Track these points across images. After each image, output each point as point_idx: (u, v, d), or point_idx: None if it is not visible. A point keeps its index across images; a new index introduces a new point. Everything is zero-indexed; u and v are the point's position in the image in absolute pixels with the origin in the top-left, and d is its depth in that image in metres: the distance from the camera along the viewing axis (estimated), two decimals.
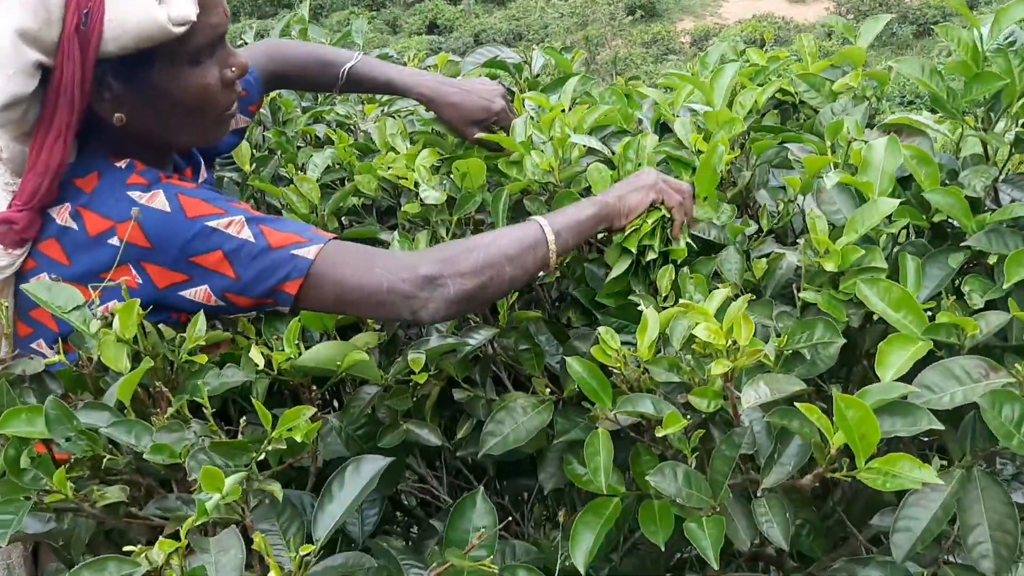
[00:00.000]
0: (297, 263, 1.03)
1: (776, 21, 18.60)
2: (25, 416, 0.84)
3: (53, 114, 1.01)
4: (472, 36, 19.81)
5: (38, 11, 0.96)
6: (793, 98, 1.54)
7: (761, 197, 1.32)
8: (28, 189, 1.02)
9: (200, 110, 1.11)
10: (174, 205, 1.03)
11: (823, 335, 1.00)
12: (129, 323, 0.90)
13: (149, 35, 1.00)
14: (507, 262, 1.06)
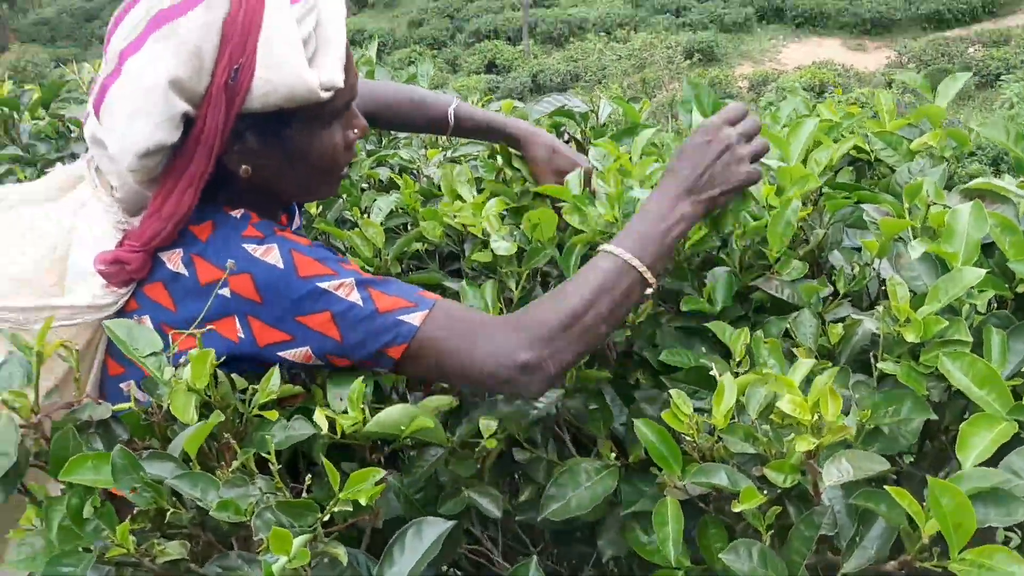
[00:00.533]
0: (402, 329, 1.01)
1: (836, 68, 18.50)
2: (91, 464, 0.83)
3: (188, 163, 1.01)
4: (530, 76, 20.03)
5: (191, 61, 0.96)
6: (868, 155, 1.50)
7: (835, 258, 1.29)
8: (148, 232, 1.03)
9: (323, 168, 1.12)
10: (287, 262, 1.02)
11: (910, 412, 0.95)
12: (201, 373, 0.89)
13: (297, 97, 1.00)
14: (603, 322, 1.04)
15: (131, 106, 0.98)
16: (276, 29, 0.99)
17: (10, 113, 1.71)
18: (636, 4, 23.74)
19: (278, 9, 1.00)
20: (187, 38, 0.96)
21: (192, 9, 0.97)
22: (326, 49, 1.04)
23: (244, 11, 0.98)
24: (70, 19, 31.79)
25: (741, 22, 21.62)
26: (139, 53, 0.97)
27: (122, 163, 1.01)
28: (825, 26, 21.51)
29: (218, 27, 0.97)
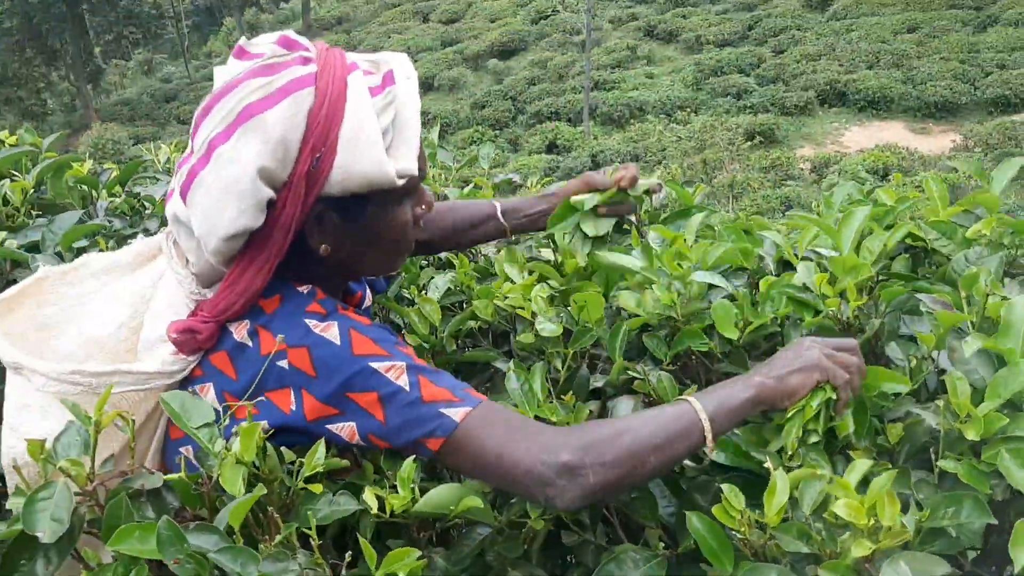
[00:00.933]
0: (443, 422, 1.02)
1: (900, 151, 18.32)
2: (138, 534, 0.84)
3: (266, 243, 1.06)
4: (590, 156, 20.23)
5: (277, 151, 1.01)
6: (925, 243, 1.49)
7: (891, 350, 1.26)
8: (222, 305, 1.07)
9: (395, 244, 1.17)
10: (344, 339, 1.04)
11: (970, 514, 0.92)
12: (250, 445, 0.91)
13: (374, 183, 1.06)
14: (652, 452, 1.00)
15: (219, 193, 1.03)
16: (357, 120, 1.04)
17: (89, 191, 1.79)
18: (697, 87, 23.93)
19: (359, 101, 1.05)
20: (274, 130, 1.01)
21: (280, 103, 1.02)
22: (402, 138, 1.09)
23: (328, 103, 1.03)
24: (149, 99, 33.20)
25: (802, 105, 21.61)
26: (228, 143, 1.02)
27: (208, 245, 1.06)
28: (888, 109, 21.38)
29: (303, 119, 1.02)
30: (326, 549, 0.88)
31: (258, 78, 1.03)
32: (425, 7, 34.59)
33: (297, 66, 1.05)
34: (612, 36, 28.64)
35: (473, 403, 1.03)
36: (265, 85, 1.03)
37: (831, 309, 1.27)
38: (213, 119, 1.04)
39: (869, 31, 24.86)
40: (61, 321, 1.15)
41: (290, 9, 41.88)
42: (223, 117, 1.03)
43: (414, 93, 1.12)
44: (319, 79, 1.04)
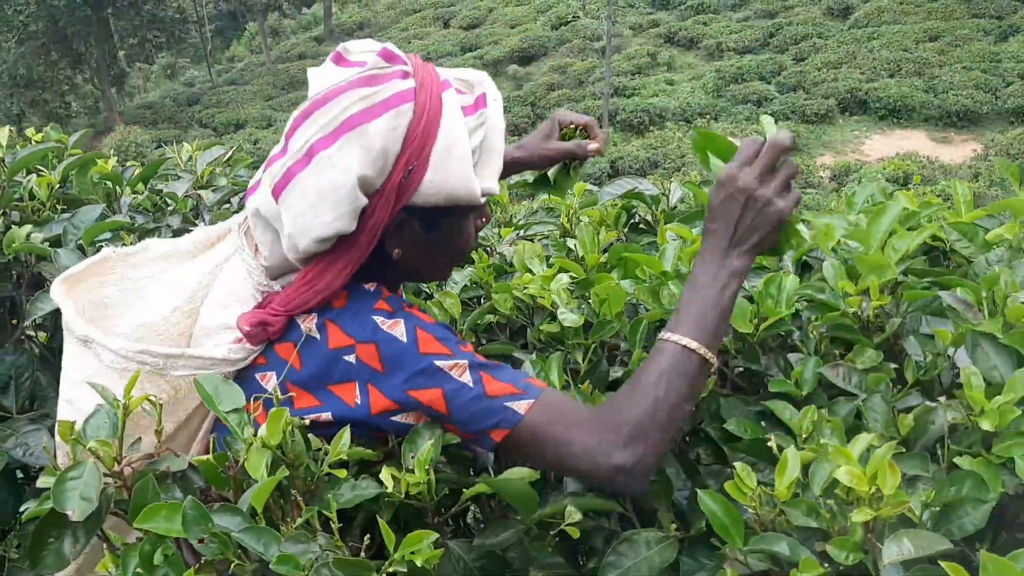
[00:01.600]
0: (508, 415, 1.06)
1: (920, 160, 18.25)
2: (164, 513, 0.86)
3: (352, 247, 1.09)
4: (609, 163, 20.24)
5: (377, 162, 1.05)
6: (944, 244, 1.49)
7: (909, 346, 1.27)
8: (297, 301, 1.10)
9: (459, 253, 1.21)
10: (411, 337, 1.07)
11: (972, 490, 0.93)
12: (276, 430, 0.93)
13: (460, 199, 1.10)
14: (684, 401, 1.07)
15: (317, 196, 1.05)
16: (451, 138, 1.08)
17: (113, 187, 1.82)
18: (717, 94, 23.92)
19: (454, 118, 1.09)
20: (376, 141, 1.04)
21: (383, 115, 1.05)
22: (489, 159, 1.13)
23: (426, 119, 1.07)
24: (172, 103, 33.47)
25: (823, 113, 21.56)
26: (331, 148, 1.05)
27: (298, 243, 1.09)
28: (910, 119, 21.30)
29: (403, 132, 1.06)
30: (350, 534, 0.89)
31: (362, 88, 1.06)
32: (446, 12, 34.75)
33: (398, 80, 1.08)
34: (632, 42, 28.66)
35: (536, 393, 1.08)
36: (368, 96, 1.06)
37: (852, 308, 1.27)
38: (315, 123, 1.07)
39: (891, 39, 24.77)
40: (120, 302, 1.18)
41: (312, 14, 42.15)
42: (326, 123, 1.06)
43: (500, 115, 1.16)
44: (418, 94, 1.08)
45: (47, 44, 31.89)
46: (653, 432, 1.04)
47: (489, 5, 34.02)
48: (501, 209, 2.11)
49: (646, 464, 1.04)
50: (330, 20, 37.36)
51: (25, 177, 1.73)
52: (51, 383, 1.50)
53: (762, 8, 29.01)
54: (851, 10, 27.35)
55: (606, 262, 1.52)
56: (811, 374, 1.19)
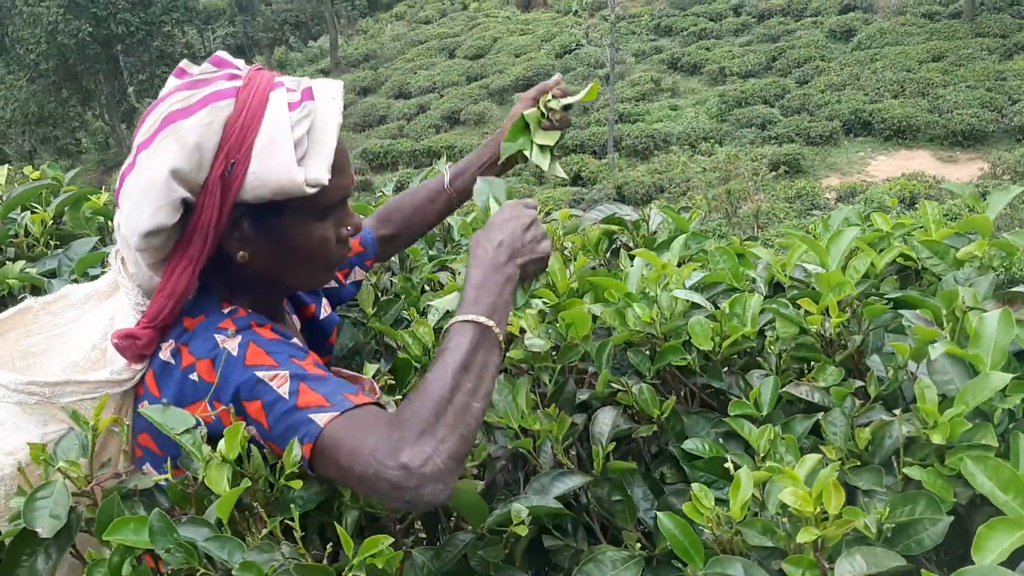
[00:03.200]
0: (310, 428, 1.02)
1: (926, 180, 18.23)
2: (132, 526, 0.91)
3: (188, 245, 1.12)
4: (615, 188, 20.30)
5: (192, 155, 1.08)
6: (916, 263, 1.52)
7: (873, 363, 1.30)
8: (154, 310, 1.13)
9: (315, 259, 1.21)
10: (241, 352, 1.09)
11: (925, 510, 0.96)
12: (233, 446, 0.97)
13: (285, 190, 1.11)
14: (474, 399, 1.02)
15: (138, 194, 1.09)
16: (272, 132, 1.10)
17: (105, 222, 1.87)
18: (721, 119, 23.99)
19: (276, 114, 1.11)
20: (190, 135, 1.08)
21: (198, 111, 1.09)
22: (316, 151, 1.13)
23: (245, 115, 1.10)
24: None
25: (827, 135, 21.59)
26: (150, 147, 1.10)
27: (132, 243, 1.12)
28: (915, 138, 21.30)
29: (219, 126, 1.09)
30: (309, 541, 0.92)
31: (185, 91, 1.12)
32: (451, 43, 35.03)
33: (222, 80, 1.13)
34: (636, 69, 28.83)
35: (343, 407, 1.03)
36: (189, 97, 1.11)
37: (813, 326, 1.31)
38: (143, 129, 1.12)
39: (894, 60, 24.84)
40: (47, 349, 1.22)
41: (319, 47, 42.58)
42: (149, 127, 1.11)
43: (333, 111, 1.17)
44: (241, 92, 1.12)
45: (58, 82, 32.31)
46: (441, 428, 0.97)
47: (493, 35, 34.31)
48: None
49: (436, 465, 0.95)
50: (336, 52, 37.73)
51: (20, 214, 1.79)
52: None
53: (764, 32, 29.16)
54: (853, 32, 27.45)
55: (578, 287, 1.55)
56: (770, 394, 1.22)
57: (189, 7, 35.24)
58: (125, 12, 31.17)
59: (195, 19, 37.31)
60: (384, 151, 25.94)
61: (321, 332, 1.44)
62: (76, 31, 30.04)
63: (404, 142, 26.52)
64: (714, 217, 17.08)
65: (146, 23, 32.22)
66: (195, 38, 39.38)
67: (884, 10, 28.54)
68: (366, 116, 29.58)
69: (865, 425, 1.17)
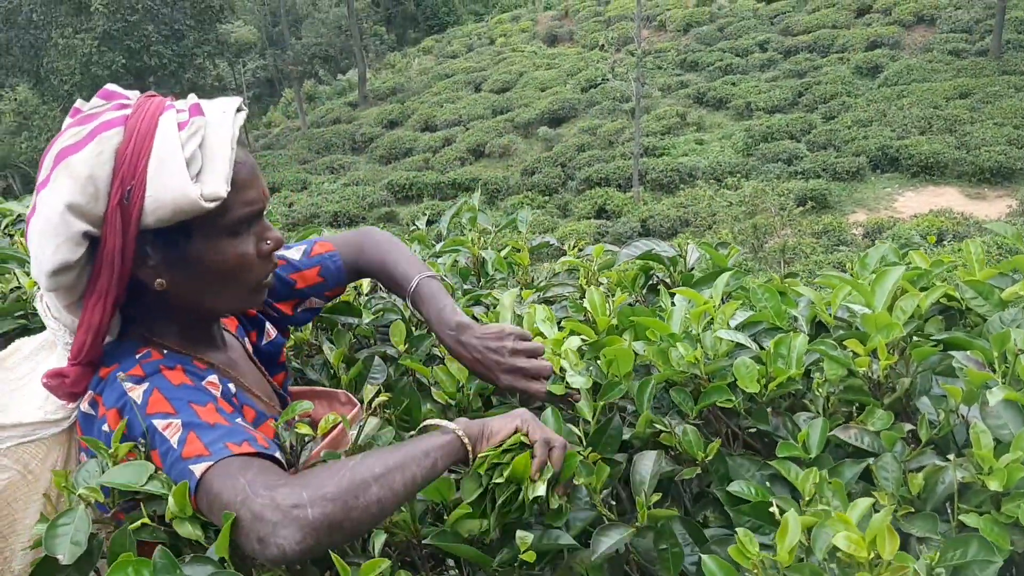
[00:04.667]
0: (191, 478, 1.02)
1: (955, 217, 18.09)
2: (132, 569, 0.90)
3: (97, 278, 1.12)
4: (639, 222, 20.29)
5: (86, 188, 1.08)
6: (959, 304, 1.49)
7: (923, 405, 1.27)
8: (76, 346, 1.13)
9: (236, 278, 1.20)
10: (144, 399, 1.09)
11: (977, 553, 0.93)
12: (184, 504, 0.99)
13: (184, 209, 1.10)
14: (374, 481, 0.98)
15: (39, 234, 1.09)
16: (162, 153, 1.09)
17: None
18: (747, 153, 23.95)
19: (165, 135, 1.10)
20: (81, 168, 1.08)
21: (87, 144, 1.09)
22: (210, 166, 1.12)
23: (135, 141, 1.09)
24: None
25: (854, 171, 21.48)
26: (46, 188, 1.10)
27: (41, 283, 1.12)
28: (942, 175, 21.14)
29: (109, 156, 1.09)
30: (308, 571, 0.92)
31: (75, 127, 1.12)
32: (477, 77, 35.34)
33: (110, 112, 1.13)
34: (662, 103, 28.92)
35: (219, 455, 1.02)
36: (79, 132, 1.11)
37: (861, 368, 1.28)
38: (41, 172, 1.12)
39: (920, 97, 24.76)
40: (5, 405, 1.21)
41: (347, 80, 43.09)
42: (46, 166, 1.11)
43: (226, 124, 1.16)
44: (129, 119, 1.11)
45: None
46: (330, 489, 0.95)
47: (520, 69, 34.58)
48: (522, 271, 2.14)
49: (305, 513, 0.92)
50: (364, 86, 38.18)
51: None
52: None
53: (790, 68, 29.18)
54: (880, 69, 27.41)
55: (617, 324, 1.54)
56: (818, 436, 1.20)
57: (221, 40, 35.88)
58: (158, 45, 31.75)
59: (226, 52, 37.91)
60: (409, 183, 26.10)
61: (268, 356, 1.43)
62: (110, 63, 30.61)
63: (429, 174, 26.67)
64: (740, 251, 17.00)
65: (178, 56, 32.80)
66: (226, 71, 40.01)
67: (911, 47, 28.51)
68: (392, 148, 29.79)
69: (916, 470, 1.14)
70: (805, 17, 31.92)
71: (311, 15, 44.01)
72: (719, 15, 34.39)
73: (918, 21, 29.44)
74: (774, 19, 33.11)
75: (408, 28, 50.23)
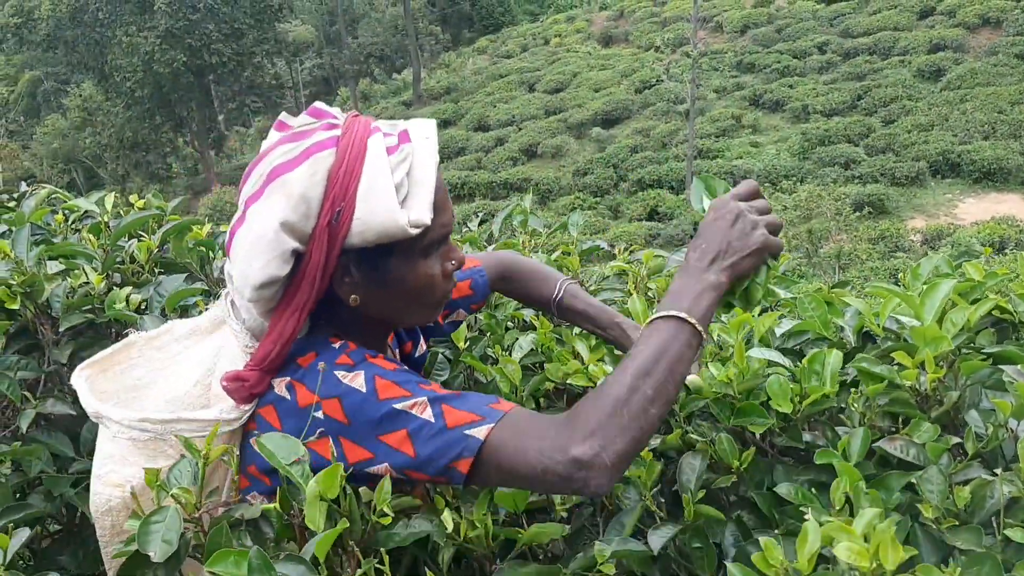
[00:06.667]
0: (469, 443, 1.06)
1: (1017, 224, 17.64)
2: (233, 559, 0.93)
3: (296, 292, 1.16)
4: (692, 224, 20.14)
5: (299, 207, 1.12)
6: (1012, 316, 1.48)
7: (971, 419, 1.27)
8: (261, 353, 1.17)
9: (423, 295, 1.24)
10: (370, 386, 1.12)
11: (990, 572, 0.93)
12: (332, 485, 0.99)
13: (389, 234, 1.14)
14: (651, 404, 1.04)
15: (249, 246, 1.13)
16: (373, 177, 1.13)
17: (207, 252, 1.94)
18: (803, 156, 23.65)
19: (376, 160, 1.14)
20: (296, 187, 1.12)
21: (302, 164, 1.13)
22: (416, 192, 1.16)
23: (346, 163, 1.13)
24: None
25: (913, 176, 21.10)
26: (259, 202, 1.14)
27: (244, 295, 1.17)
28: (1005, 181, 20.69)
29: (323, 177, 1.13)
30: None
31: (287, 144, 1.16)
32: (531, 77, 35.38)
33: (321, 131, 1.17)
34: (717, 105, 28.67)
35: (496, 416, 1.08)
36: (292, 149, 1.15)
37: (908, 381, 1.28)
38: (249, 183, 1.17)
39: (984, 101, 24.19)
40: (149, 382, 1.27)
41: (402, 79, 43.44)
42: (255, 181, 1.16)
43: (431, 152, 1.20)
44: (340, 141, 1.15)
45: (152, 109, 33.65)
46: (612, 428, 1.01)
47: (574, 70, 34.54)
48: (572, 275, 2.17)
49: (603, 461, 1.00)
50: (419, 85, 38.47)
51: (127, 241, 1.87)
52: None
53: (849, 71, 28.71)
54: (942, 72, 26.84)
55: None
56: (859, 445, 1.20)
57: (279, 39, 36.41)
58: (219, 43, 32.34)
59: (284, 51, 38.48)
60: (462, 182, 26.25)
61: (415, 367, 1.47)
62: (171, 60, 31.27)
63: (481, 174, 26.80)
64: (794, 256, 16.79)
65: (238, 54, 33.37)
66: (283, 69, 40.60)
67: (975, 50, 27.86)
68: (445, 147, 29.98)
69: (963, 483, 1.14)
70: (866, 19, 31.38)
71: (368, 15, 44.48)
72: (777, 16, 33.97)
73: (983, 23, 28.75)
74: (834, 20, 32.61)
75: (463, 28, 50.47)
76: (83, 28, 31.95)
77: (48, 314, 1.61)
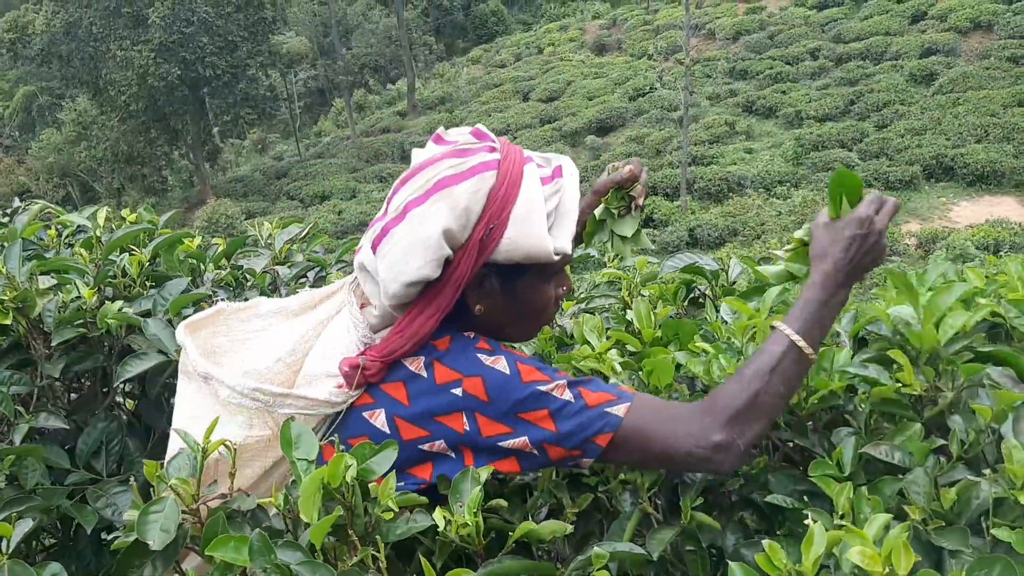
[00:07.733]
0: (609, 420, 1.19)
1: (1012, 227, 17.69)
2: (233, 544, 0.97)
3: (437, 296, 1.24)
4: (687, 231, 20.18)
5: (461, 218, 1.20)
6: (1005, 322, 1.49)
7: (953, 422, 1.27)
8: (390, 346, 1.24)
9: (538, 315, 1.34)
10: (513, 370, 1.21)
11: (1002, 573, 0.93)
12: (336, 475, 1.02)
13: (534, 256, 1.24)
14: (780, 398, 1.20)
15: (408, 245, 1.21)
16: (528, 202, 1.23)
17: (197, 264, 1.95)
18: (797, 162, 23.68)
19: (532, 186, 1.24)
20: (461, 199, 1.20)
21: (468, 179, 1.21)
22: (562, 222, 1.27)
23: (507, 184, 1.22)
24: (261, 176, 34.64)
25: (907, 180, 21.13)
26: (422, 206, 1.21)
27: (388, 288, 1.23)
28: (999, 184, 20.72)
29: (485, 194, 1.21)
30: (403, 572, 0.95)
31: (452, 159, 1.24)
32: (525, 87, 35.45)
33: (484, 152, 1.25)
34: (710, 112, 28.72)
35: (629, 397, 1.22)
36: (458, 164, 1.23)
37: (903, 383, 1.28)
38: (411, 187, 1.24)
39: (977, 105, 24.25)
40: (227, 351, 1.35)
41: (396, 90, 43.50)
42: (420, 186, 1.23)
43: (576, 187, 1.30)
44: (501, 164, 1.24)
45: (147, 122, 33.61)
46: (748, 418, 1.17)
47: (567, 78, 34.62)
48: None
49: (738, 447, 1.16)
50: (413, 95, 38.53)
51: (119, 255, 1.87)
52: (139, 448, 1.62)
53: (842, 76, 28.78)
54: (935, 76, 26.90)
55: (662, 335, 1.56)
56: (851, 454, 1.21)
57: (273, 51, 36.44)
58: (213, 56, 32.35)
59: (279, 63, 38.49)
60: None
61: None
62: (166, 74, 31.25)
63: None
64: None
65: (232, 67, 33.37)
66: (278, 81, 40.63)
67: (967, 54, 27.96)
68: None
69: (949, 485, 1.15)
70: (857, 24, 31.47)
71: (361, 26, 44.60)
72: (769, 23, 34.07)
73: (975, 27, 28.84)
74: (825, 26, 32.72)
75: (457, 38, 50.60)
76: (77, 43, 31.94)
77: (40, 329, 1.62)
